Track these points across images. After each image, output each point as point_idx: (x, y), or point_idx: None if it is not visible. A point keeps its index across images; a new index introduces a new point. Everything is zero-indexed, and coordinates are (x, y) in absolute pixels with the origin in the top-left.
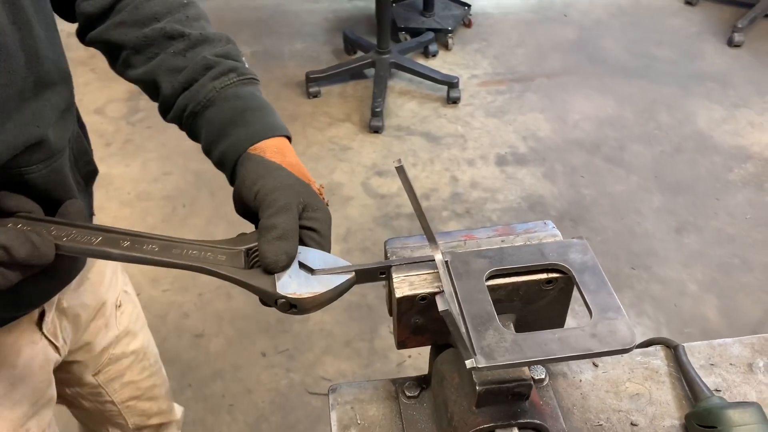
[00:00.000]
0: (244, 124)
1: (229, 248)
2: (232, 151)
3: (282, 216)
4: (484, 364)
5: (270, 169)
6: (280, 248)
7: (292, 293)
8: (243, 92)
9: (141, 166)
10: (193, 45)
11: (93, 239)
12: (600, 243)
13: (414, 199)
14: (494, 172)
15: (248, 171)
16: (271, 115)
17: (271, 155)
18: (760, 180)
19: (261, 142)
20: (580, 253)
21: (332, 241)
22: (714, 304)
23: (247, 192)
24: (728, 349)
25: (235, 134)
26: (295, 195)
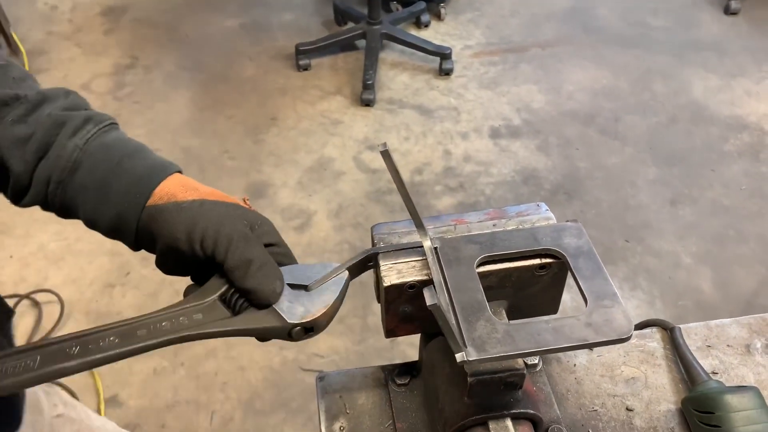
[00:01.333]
0: (129, 175)
1: (199, 303)
2: (129, 211)
3: (246, 247)
4: (474, 357)
5: (196, 210)
6: (269, 276)
7: (304, 317)
8: (109, 140)
9: None
10: (34, 107)
11: (31, 363)
12: (594, 216)
13: (400, 183)
14: (488, 145)
15: (172, 222)
16: (151, 154)
17: (183, 195)
18: (756, 150)
19: (159, 187)
20: (575, 237)
21: (325, 217)
22: (708, 276)
23: (185, 246)
24: (725, 330)
25: (124, 190)
26: (238, 221)
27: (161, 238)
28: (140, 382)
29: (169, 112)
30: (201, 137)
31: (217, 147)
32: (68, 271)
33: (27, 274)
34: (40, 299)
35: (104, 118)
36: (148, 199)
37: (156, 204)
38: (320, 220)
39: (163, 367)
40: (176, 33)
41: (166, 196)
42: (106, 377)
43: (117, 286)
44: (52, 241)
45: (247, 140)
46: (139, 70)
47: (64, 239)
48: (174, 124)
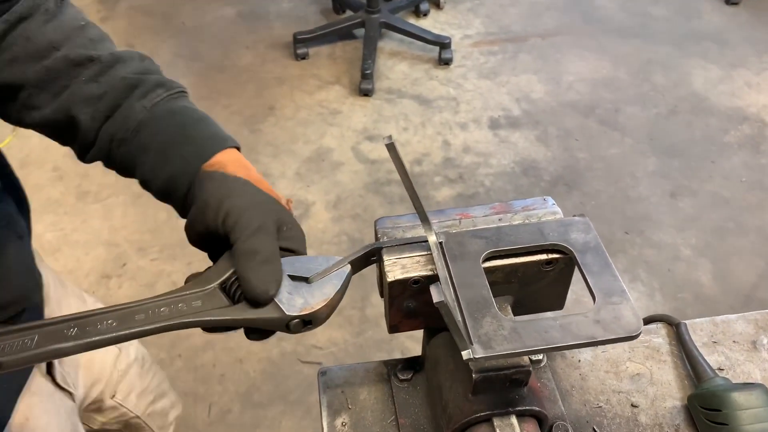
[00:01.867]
0: (189, 141)
1: (199, 290)
2: (182, 174)
3: (261, 238)
4: (481, 354)
5: (236, 185)
6: (268, 274)
7: (303, 309)
8: (177, 107)
9: None
10: (107, 68)
11: (28, 342)
12: (594, 208)
13: (405, 177)
14: (487, 136)
15: (211, 191)
16: (215, 125)
17: (233, 169)
18: (756, 142)
19: (215, 156)
20: (582, 233)
21: (323, 208)
22: (708, 269)
23: (212, 215)
24: (731, 326)
25: (182, 153)
26: (269, 213)
27: (197, 201)
28: None
29: None
30: None
31: None
32: (64, 262)
33: None
34: None
35: (175, 85)
36: (202, 165)
37: (206, 170)
38: (318, 211)
39: (160, 358)
40: (172, 21)
41: (218, 165)
42: None
43: (113, 277)
44: (48, 231)
45: (244, 130)
46: None
47: (60, 230)
48: None
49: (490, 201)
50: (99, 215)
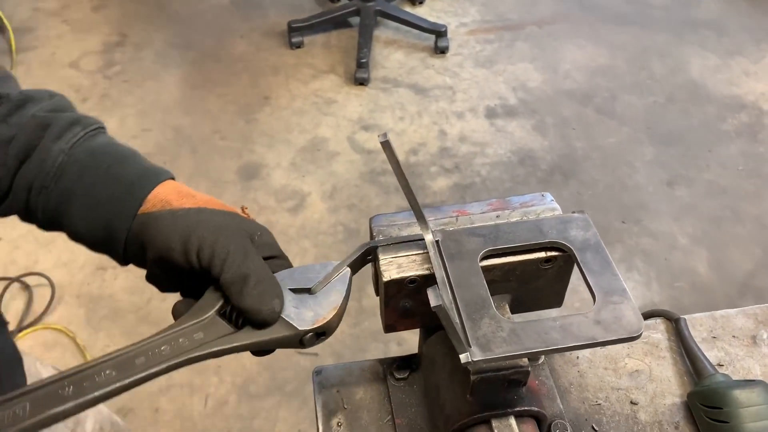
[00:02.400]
0: (119, 182)
1: (198, 321)
2: (118, 220)
3: (244, 261)
4: (480, 357)
5: (193, 218)
6: (266, 294)
7: (315, 322)
8: (98, 145)
9: (119, 122)
10: (15, 107)
11: (20, 411)
12: (590, 197)
13: (401, 175)
14: (483, 125)
15: (168, 232)
16: (143, 159)
17: (179, 202)
18: (754, 130)
19: (151, 194)
20: (582, 230)
21: (319, 199)
22: (704, 258)
23: (180, 256)
24: (731, 321)
25: (114, 197)
26: (238, 232)
27: (154, 248)
28: None
29: (160, 91)
30: (192, 117)
31: (209, 127)
32: (59, 254)
33: (17, 257)
34: (30, 282)
35: (91, 121)
36: (140, 207)
37: (149, 211)
38: (314, 201)
39: None
40: (166, 10)
41: (159, 203)
42: None
43: (109, 269)
44: None
45: (239, 120)
46: (128, 48)
47: None
48: (164, 103)
49: (487, 191)
50: None
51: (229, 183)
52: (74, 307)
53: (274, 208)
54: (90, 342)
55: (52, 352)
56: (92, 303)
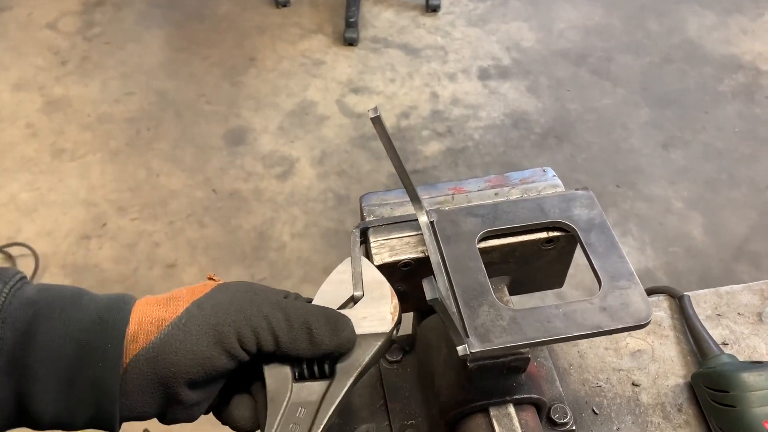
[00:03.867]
0: (85, 323)
1: (285, 407)
2: (104, 379)
3: (288, 312)
4: (478, 348)
5: (202, 316)
6: (338, 323)
7: (392, 314)
8: (31, 293)
9: (100, 85)
10: None
11: None
12: (585, 160)
13: (393, 152)
14: (476, 87)
15: (190, 345)
16: (93, 293)
17: (170, 311)
18: (751, 91)
19: (133, 321)
20: (586, 208)
21: (308, 164)
22: (699, 222)
23: (221, 357)
24: (736, 297)
25: (93, 353)
26: (253, 296)
27: (182, 374)
28: None
29: (142, 54)
30: (176, 80)
31: (194, 90)
32: (42, 223)
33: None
34: (13, 253)
35: (10, 272)
36: (122, 350)
37: (149, 343)
38: (303, 167)
39: None
40: None
41: (154, 327)
42: None
43: (93, 238)
44: (23, 191)
45: (224, 83)
46: (108, 8)
47: (35, 189)
48: (147, 66)
49: (480, 155)
50: (76, 174)
51: (215, 149)
52: (59, 277)
53: (261, 175)
54: None
55: None
56: (77, 273)
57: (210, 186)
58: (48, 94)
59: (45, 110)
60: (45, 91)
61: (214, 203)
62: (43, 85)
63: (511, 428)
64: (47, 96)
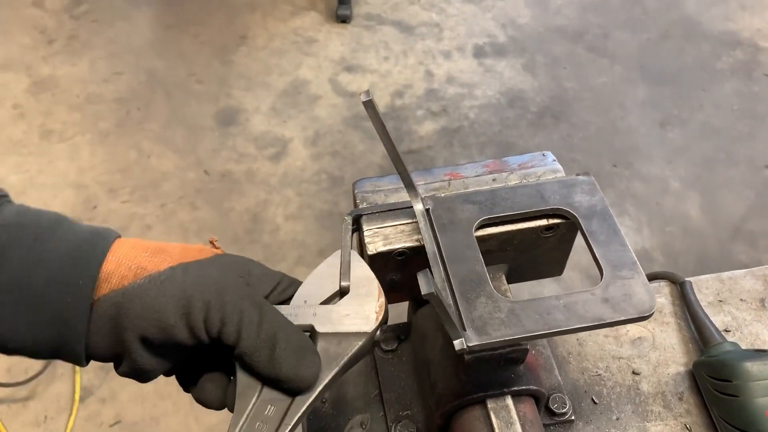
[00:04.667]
0: (59, 256)
1: (254, 411)
2: (73, 309)
3: (267, 319)
4: (475, 342)
5: (183, 280)
6: (302, 355)
7: (376, 313)
8: (8, 215)
9: (89, 65)
10: None
11: None
12: (581, 140)
13: (386, 137)
14: (472, 65)
15: (156, 305)
16: (75, 224)
17: (154, 264)
18: (749, 68)
19: (107, 263)
20: (587, 194)
21: (301, 145)
22: (696, 202)
23: (182, 330)
24: (738, 283)
25: (58, 279)
26: (242, 286)
27: (140, 329)
28: None
29: (131, 32)
30: (166, 59)
31: (184, 69)
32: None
33: None
34: None
35: None
36: (95, 287)
37: (122, 287)
38: (296, 148)
39: None
40: None
41: (131, 272)
42: None
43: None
44: (12, 173)
45: (215, 61)
46: None
47: (25, 171)
48: (136, 44)
49: (475, 135)
50: (65, 155)
51: (206, 129)
52: None
53: (254, 156)
54: None
55: None
56: None
57: (202, 167)
58: (35, 74)
59: (32, 91)
60: (32, 71)
61: (206, 185)
62: (30, 65)
63: (508, 421)
64: (34, 76)
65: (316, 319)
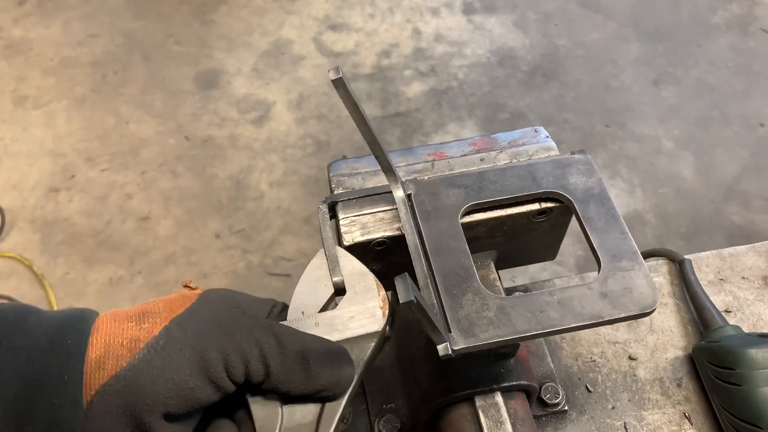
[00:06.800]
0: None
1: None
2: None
3: (284, 341)
4: (461, 345)
5: (184, 340)
6: (336, 356)
7: (382, 309)
8: None
9: (62, 27)
10: None
11: None
12: (573, 99)
13: (360, 118)
14: (460, 22)
15: (168, 372)
16: (36, 309)
17: (145, 331)
18: (745, 23)
19: (96, 344)
20: (583, 175)
21: (285, 108)
22: (690, 162)
23: (204, 387)
24: (740, 260)
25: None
26: (245, 318)
27: (160, 406)
28: (96, 292)
29: None
30: (143, 20)
31: (162, 31)
32: (6, 176)
33: None
34: None
35: None
36: (83, 383)
37: (121, 369)
38: (280, 111)
39: (119, 276)
40: None
41: (125, 350)
42: (59, 289)
43: (62, 191)
44: None
45: (194, 22)
46: None
47: None
48: (112, 4)
49: (464, 96)
50: (41, 122)
51: (186, 93)
52: (28, 233)
53: (236, 120)
54: (48, 270)
55: (8, 281)
56: (47, 228)
57: (182, 133)
58: (6, 36)
59: (4, 54)
60: (3, 34)
61: (188, 151)
62: (1, 27)
63: (498, 420)
64: (5, 39)
65: (319, 329)
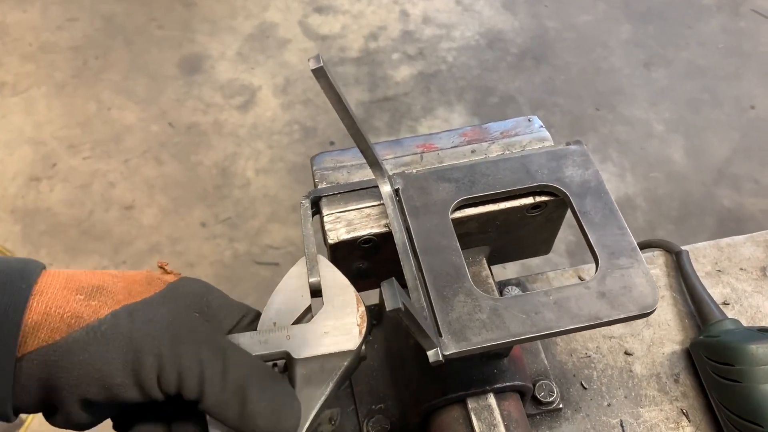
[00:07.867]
0: None
1: None
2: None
3: (230, 369)
4: (453, 350)
5: (130, 330)
6: (281, 399)
7: (359, 326)
8: None
9: (41, 10)
10: None
11: None
12: (563, 82)
13: (342, 109)
14: (449, 4)
15: (97, 364)
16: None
17: (91, 310)
18: (736, 3)
19: (36, 307)
20: (580, 167)
21: (271, 93)
22: (681, 145)
23: (132, 388)
24: (738, 251)
25: None
26: (201, 326)
27: (79, 390)
28: None
29: None
30: (124, 2)
31: (144, 14)
32: None
33: None
34: None
35: None
36: (18, 341)
37: (53, 341)
38: (265, 96)
39: (103, 266)
40: None
41: (63, 323)
42: None
43: (43, 180)
44: None
45: (176, 4)
46: None
47: None
48: None
49: (454, 80)
50: (20, 109)
51: (169, 78)
52: (9, 223)
53: (221, 106)
54: None
55: None
56: (29, 218)
57: (166, 119)
58: None
59: None
60: None
61: (172, 138)
62: None
63: (491, 422)
64: None
65: (290, 343)
